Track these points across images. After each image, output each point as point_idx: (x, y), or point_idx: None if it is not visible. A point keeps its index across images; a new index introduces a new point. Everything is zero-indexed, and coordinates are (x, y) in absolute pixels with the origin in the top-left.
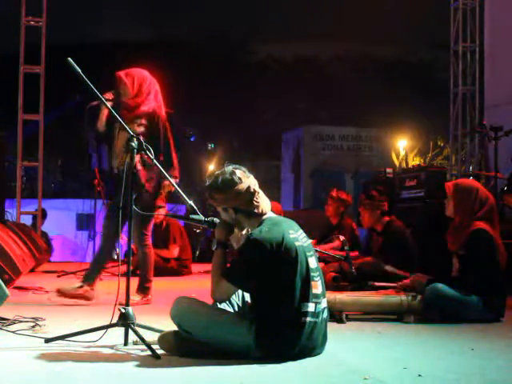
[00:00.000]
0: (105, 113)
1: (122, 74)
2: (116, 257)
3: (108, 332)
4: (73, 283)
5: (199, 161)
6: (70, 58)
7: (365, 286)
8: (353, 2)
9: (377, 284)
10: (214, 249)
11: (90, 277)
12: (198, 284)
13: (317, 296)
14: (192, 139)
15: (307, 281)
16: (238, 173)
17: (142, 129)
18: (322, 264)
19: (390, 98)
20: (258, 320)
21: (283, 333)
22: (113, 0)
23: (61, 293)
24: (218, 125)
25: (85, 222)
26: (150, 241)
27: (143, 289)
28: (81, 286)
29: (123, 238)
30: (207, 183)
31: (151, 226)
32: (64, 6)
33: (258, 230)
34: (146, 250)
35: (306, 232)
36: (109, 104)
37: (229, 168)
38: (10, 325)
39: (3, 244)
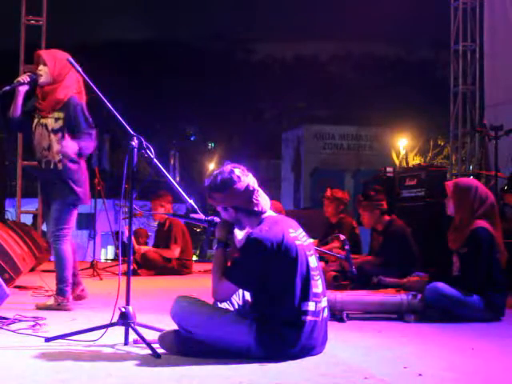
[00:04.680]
0: (20, 99)
1: (42, 52)
2: (116, 256)
3: (108, 331)
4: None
5: (199, 160)
6: (70, 58)
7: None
8: (353, 2)
9: (387, 280)
10: (214, 248)
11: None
12: (199, 283)
13: (317, 295)
14: (192, 139)
15: (307, 280)
16: (237, 171)
17: (59, 124)
18: (322, 263)
19: (390, 97)
20: (259, 319)
21: (283, 332)
22: (112, 0)
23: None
24: (217, 125)
25: (85, 222)
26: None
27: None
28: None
29: (125, 232)
30: (206, 183)
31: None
32: (64, 6)
33: (258, 228)
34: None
35: (306, 231)
36: (24, 88)
37: (227, 167)
38: (10, 324)
39: (3, 243)
